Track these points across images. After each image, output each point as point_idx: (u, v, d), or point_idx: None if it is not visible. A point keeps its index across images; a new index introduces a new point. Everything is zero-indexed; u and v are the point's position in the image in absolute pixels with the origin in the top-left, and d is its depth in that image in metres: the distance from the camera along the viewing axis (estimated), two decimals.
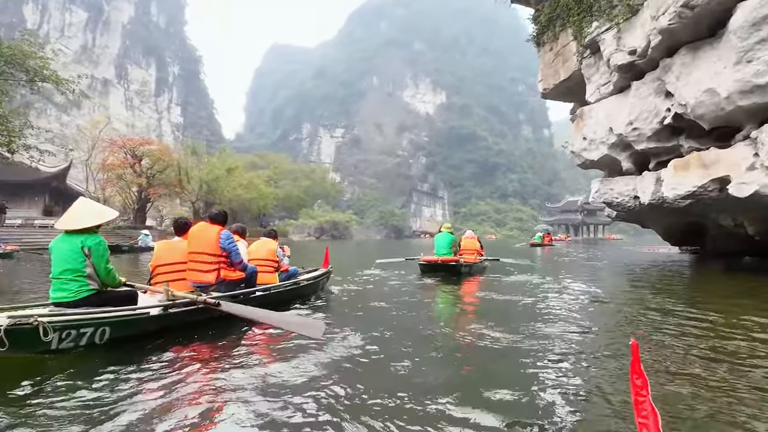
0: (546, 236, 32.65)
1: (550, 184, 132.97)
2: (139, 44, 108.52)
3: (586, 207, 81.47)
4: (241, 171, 38.70)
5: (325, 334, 3.26)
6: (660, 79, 9.97)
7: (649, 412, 1.33)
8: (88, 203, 3.76)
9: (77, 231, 3.47)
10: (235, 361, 3.07)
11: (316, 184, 58.24)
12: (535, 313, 5.17)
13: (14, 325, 2.81)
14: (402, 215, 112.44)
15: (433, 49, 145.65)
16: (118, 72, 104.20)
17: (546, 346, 3.58)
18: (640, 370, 1.37)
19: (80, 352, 3.10)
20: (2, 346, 2.72)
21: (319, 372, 2.82)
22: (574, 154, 13.12)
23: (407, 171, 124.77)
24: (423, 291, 7.40)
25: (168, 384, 2.61)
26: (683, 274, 10.90)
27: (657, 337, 3.93)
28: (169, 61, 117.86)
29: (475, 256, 10.33)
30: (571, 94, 14.69)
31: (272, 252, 5.58)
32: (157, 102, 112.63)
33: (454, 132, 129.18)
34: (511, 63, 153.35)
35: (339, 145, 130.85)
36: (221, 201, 36.58)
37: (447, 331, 4.34)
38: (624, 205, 11.76)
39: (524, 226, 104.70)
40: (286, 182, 52.96)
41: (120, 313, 3.40)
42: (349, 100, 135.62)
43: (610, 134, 11.55)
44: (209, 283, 4.53)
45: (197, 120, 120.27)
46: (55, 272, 3.40)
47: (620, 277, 10.55)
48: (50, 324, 2.93)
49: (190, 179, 35.26)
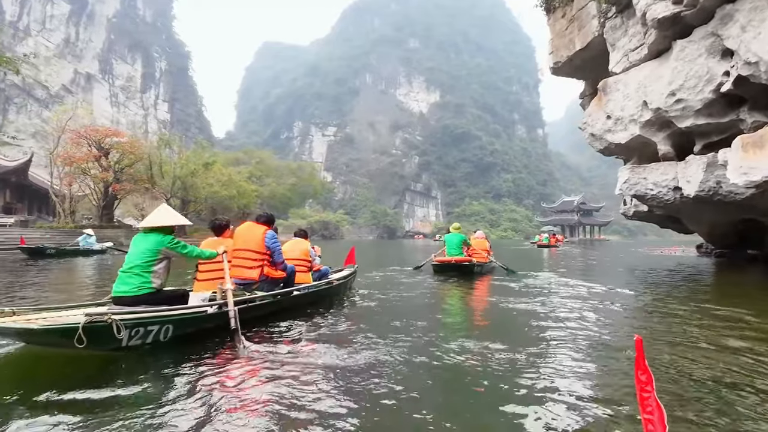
0: (552, 237, 32.10)
1: (544, 185, 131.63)
2: (125, 38, 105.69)
3: (582, 207, 79.97)
4: (219, 166, 35.94)
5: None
6: (715, 33, 7.68)
7: (654, 408, 1.32)
8: (168, 209, 4.04)
9: (155, 229, 3.78)
10: (279, 360, 3.15)
11: (303, 181, 55.40)
12: (559, 316, 4.98)
13: (91, 322, 2.90)
14: (395, 215, 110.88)
15: (427, 47, 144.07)
16: (103, 67, 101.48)
17: (556, 345, 3.61)
18: (645, 366, 1.37)
19: (146, 348, 3.22)
20: (80, 343, 2.82)
21: (358, 375, 2.85)
22: (594, 137, 10.75)
23: (400, 170, 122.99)
24: (439, 291, 7.38)
25: (226, 380, 2.71)
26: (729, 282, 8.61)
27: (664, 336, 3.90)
28: (156, 57, 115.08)
29: (485, 255, 10.26)
30: (586, 68, 12.42)
31: (306, 252, 5.63)
32: (144, 98, 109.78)
33: (448, 131, 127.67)
34: (505, 62, 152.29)
35: (331, 144, 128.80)
36: (197, 198, 33.82)
37: (465, 341, 3.92)
38: (660, 198, 9.41)
39: (518, 226, 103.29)
40: (270, 180, 50.30)
41: (182, 311, 3.54)
42: (342, 99, 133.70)
43: (644, 110, 9.23)
44: (253, 280, 4.62)
45: (185, 117, 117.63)
46: (124, 267, 3.63)
47: (656, 288, 8.25)
48: (122, 322, 3.01)
49: (164, 174, 32.46)
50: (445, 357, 3.30)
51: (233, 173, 36.71)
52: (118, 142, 30.65)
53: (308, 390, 2.54)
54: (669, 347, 3.56)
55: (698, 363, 3.11)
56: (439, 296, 6.86)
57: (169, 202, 34.15)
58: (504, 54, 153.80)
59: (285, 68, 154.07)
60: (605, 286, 7.61)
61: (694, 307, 5.40)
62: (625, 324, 4.64)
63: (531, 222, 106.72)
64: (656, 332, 4.12)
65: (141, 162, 31.60)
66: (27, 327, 2.87)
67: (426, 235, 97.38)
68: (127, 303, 3.52)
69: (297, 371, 2.87)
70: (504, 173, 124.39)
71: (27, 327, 2.87)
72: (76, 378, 2.72)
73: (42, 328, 2.85)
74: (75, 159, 28.54)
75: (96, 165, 29.71)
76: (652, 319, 4.85)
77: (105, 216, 30.34)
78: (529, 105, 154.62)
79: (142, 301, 3.54)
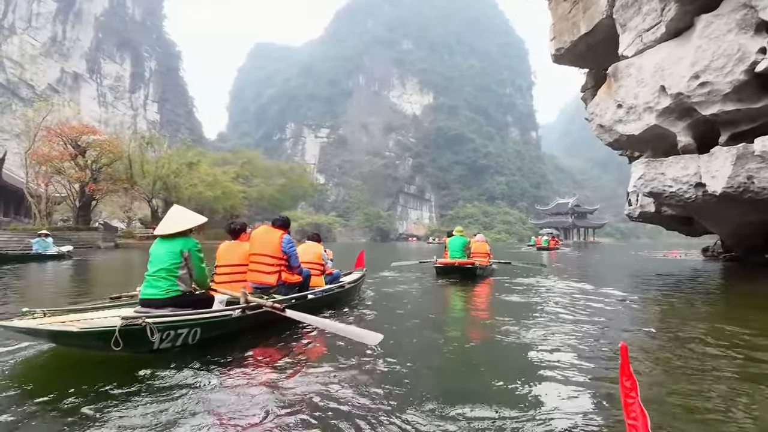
0: (552, 240, 32.09)
1: (537, 187, 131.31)
2: (113, 37, 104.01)
3: (576, 210, 79.49)
4: (204, 166, 34.46)
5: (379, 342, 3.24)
6: (748, 5, 6.63)
7: (639, 414, 1.34)
8: (181, 210, 3.97)
9: (174, 235, 3.72)
10: (297, 363, 3.20)
11: (293, 183, 53.83)
12: (561, 318, 4.99)
13: (127, 326, 2.92)
14: (388, 218, 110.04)
15: (420, 48, 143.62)
16: (90, 66, 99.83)
17: (548, 350, 3.60)
18: (630, 373, 1.39)
19: (175, 351, 3.23)
20: (117, 345, 2.84)
21: (371, 375, 2.90)
22: (602, 129, 9.65)
23: (394, 172, 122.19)
24: (444, 294, 7.59)
25: (255, 382, 2.75)
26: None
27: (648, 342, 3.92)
28: (145, 56, 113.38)
29: (487, 259, 10.41)
30: (591, 55, 11.37)
31: (319, 255, 5.65)
32: (133, 98, 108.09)
33: (441, 133, 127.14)
34: (499, 64, 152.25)
35: (324, 146, 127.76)
36: (179, 199, 32.34)
37: (475, 341, 4.17)
38: (679, 196, 8.31)
39: (512, 229, 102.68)
40: (259, 180, 48.74)
41: (209, 315, 3.58)
42: (335, 100, 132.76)
43: (661, 96, 8.16)
44: (270, 285, 4.69)
45: (175, 118, 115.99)
46: (150, 271, 3.63)
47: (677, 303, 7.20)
48: (155, 325, 3.05)
49: (145, 174, 31.00)
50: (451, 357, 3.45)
51: (218, 173, 35.22)
52: (96, 140, 29.16)
53: (343, 388, 2.64)
54: (663, 360, 3.42)
55: (691, 380, 2.93)
56: (450, 300, 6.97)
57: (151, 203, 32.76)
58: (497, 56, 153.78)
59: (277, 69, 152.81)
60: (617, 291, 7.32)
61: (711, 327, 4.60)
62: (636, 336, 4.36)
63: (525, 224, 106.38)
64: (666, 355, 3.63)
65: (120, 161, 30.13)
66: (66, 330, 2.92)
67: (419, 237, 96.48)
68: (154, 306, 3.55)
69: (327, 370, 2.96)
70: (498, 176, 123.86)
71: (66, 330, 2.92)
72: (104, 380, 2.70)
73: (82, 331, 2.90)
74: (50, 157, 27.04)
75: (72, 164, 28.24)
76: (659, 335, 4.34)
77: (81, 217, 28.81)
78: (523, 107, 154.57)
79: (169, 304, 3.58)
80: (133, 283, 4.42)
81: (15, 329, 2.88)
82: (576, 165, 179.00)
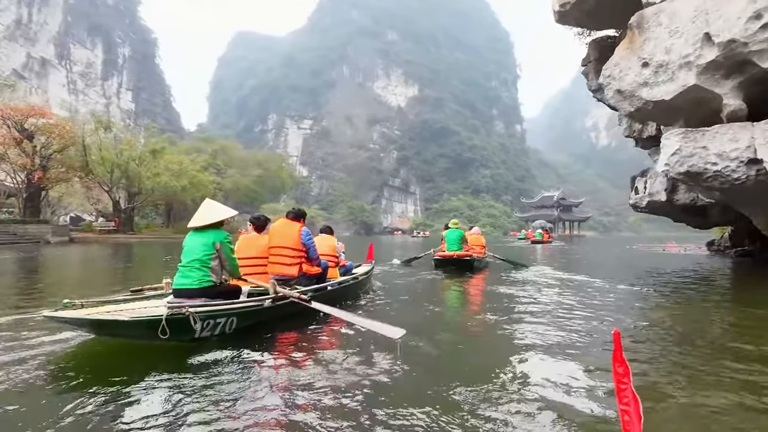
0: (545, 233, 31.77)
1: (522, 181, 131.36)
2: (84, 21, 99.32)
3: (561, 203, 78.85)
4: (169, 155, 31.69)
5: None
6: None
7: (631, 399, 1.36)
8: (211, 204, 4.06)
9: (206, 227, 3.82)
10: (316, 351, 3.33)
11: (270, 173, 50.98)
12: (556, 311, 5.04)
13: (172, 315, 3.02)
14: (372, 211, 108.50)
15: (405, 40, 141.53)
16: (59, 51, 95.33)
17: (543, 338, 3.71)
18: (622, 359, 1.40)
19: (214, 339, 3.34)
20: (164, 334, 2.92)
21: (388, 369, 2.91)
22: (621, 96, 7.74)
23: (378, 165, 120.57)
24: (446, 286, 7.63)
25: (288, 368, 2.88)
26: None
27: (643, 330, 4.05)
28: (118, 42, 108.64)
29: (483, 251, 10.64)
30: (600, 14, 9.57)
31: (333, 247, 5.73)
32: (105, 86, 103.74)
33: (426, 126, 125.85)
34: (485, 58, 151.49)
35: (307, 138, 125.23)
36: (141, 189, 29.66)
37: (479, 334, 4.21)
38: (726, 177, 6.48)
39: (497, 222, 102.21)
40: (234, 171, 45.90)
41: (244, 304, 3.70)
42: (318, 91, 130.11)
43: (705, 46, 6.34)
44: (292, 276, 4.76)
45: (151, 107, 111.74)
46: (183, 262, 3.72)
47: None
48: (197, 314, 3.14)
49: (104, 161, 28.22)
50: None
51: (186, 161, 32.46)
52: (46, 123, 26.30)
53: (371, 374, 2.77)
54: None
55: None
56: (455, 293, 7.04)
57: (111, 193, 30.01)
58: (483, 49, 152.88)
59: (259, 59, 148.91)
60: (624, 286, 7.18)
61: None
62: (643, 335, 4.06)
63: (509, 218, 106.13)
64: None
65: (75, 147, 27.31)
66: (117, 319, 3.03)
67: (404, 231, 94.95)
68: (187, 296, 3.60)
69: (347, 362, 3.02)
70: (483, 169, 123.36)
71: (117, 319, 3.03)
72: (144, 369, 2.75)
73: (132, 320, 3.02)
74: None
75: (19, 150, 25.39)
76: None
77: (29, 209, 26.02)
78: (508, 101, 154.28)
79: (202, 294, 3.64)
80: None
81: (65, 320, 2.99)
82: (559, 159, 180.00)
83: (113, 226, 30.75)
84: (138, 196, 31.39)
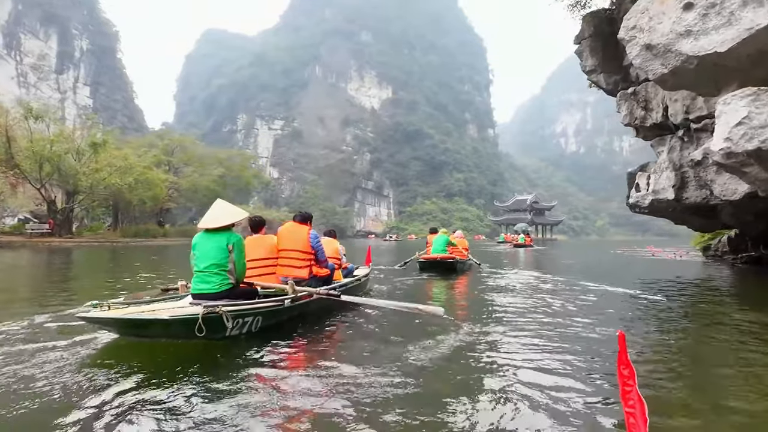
0: (527, 237, 31.52)
1: (494, 184, 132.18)
2: (35, 10, 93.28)
3: (534, 206, 78.95)
4: (112, 150, 28.56)
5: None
6: None
7: (636, 402, 1.35)
8: (224, 204, 4.04)
9: (219, 229, 3.78)
10: (342, 349, 3.54)
11: (233, 173, 47.75)
12: (547, 311, 5.20)
13: (208, 314, 3.13)
14: (345, 214, 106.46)
15: (379, 41, 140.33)
16: (8, 41, 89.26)
17: (546, 339, 3.76)
18: (627, 361, 1.40)
19: (242, 338, 3.51)
20: (200, 332, 3.05)
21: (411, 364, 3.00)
22: (652, 52, 5.84)
23: (351, 167, 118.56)
24: (442, 286, 7.96)
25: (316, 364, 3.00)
26: None
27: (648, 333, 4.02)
28: (75, 34, 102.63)
29: (465, 253, 11.03)
30: None
31: (336, 251, 5.82)
32: (60, 80, 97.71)
33: (400, 128, 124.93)
34: (458, 61, 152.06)
35: (278, 138, 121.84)
36: (77, 187, 26.52)
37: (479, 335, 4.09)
38: None
39: (470, 225, 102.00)
40: (191, 170, 42.74)
41: (268, 304, 3.77)
42: (290, 91, 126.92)
43: None
44: (303, 278, 4.75)
45: (111, 104, 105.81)
46: (200, 266, 3.71)
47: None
48: (229, 313, 3.26)
49: (34, 154, 25.00)
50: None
51: (131, 157, 29.28)
52: None
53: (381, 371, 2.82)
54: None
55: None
56: (447, 291, 7.42)
57: (42, 191, 26.73)
58: (456, 53, 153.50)
59: (229, 58, 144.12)
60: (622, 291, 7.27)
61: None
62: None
63: (482, 221, 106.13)
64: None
65: None
66: (156, 318, 3.12)
67: (377, 234, 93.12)
68: (207, 299, 3.58)
69: (372, 361, 3.06)
70: (456, 172, 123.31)
71: (156, 318, 3.12)
72: (169, 370, 2.78)
73: (171, 319, 3.10)
74: None
75: None
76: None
77: None
78: (481, 105, 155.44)
79: (223, 296, 3.66)
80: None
81: (99, 320, 3.06)
82: (530, 164, 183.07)
83: (47, 228, 27.47)
84: (76, 195, 28.16)
